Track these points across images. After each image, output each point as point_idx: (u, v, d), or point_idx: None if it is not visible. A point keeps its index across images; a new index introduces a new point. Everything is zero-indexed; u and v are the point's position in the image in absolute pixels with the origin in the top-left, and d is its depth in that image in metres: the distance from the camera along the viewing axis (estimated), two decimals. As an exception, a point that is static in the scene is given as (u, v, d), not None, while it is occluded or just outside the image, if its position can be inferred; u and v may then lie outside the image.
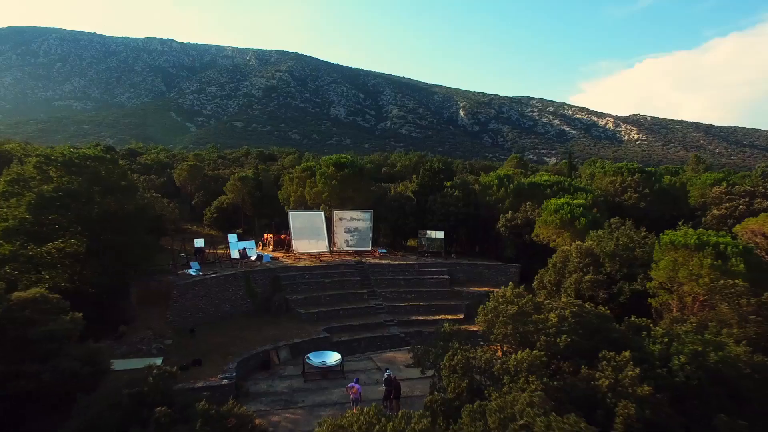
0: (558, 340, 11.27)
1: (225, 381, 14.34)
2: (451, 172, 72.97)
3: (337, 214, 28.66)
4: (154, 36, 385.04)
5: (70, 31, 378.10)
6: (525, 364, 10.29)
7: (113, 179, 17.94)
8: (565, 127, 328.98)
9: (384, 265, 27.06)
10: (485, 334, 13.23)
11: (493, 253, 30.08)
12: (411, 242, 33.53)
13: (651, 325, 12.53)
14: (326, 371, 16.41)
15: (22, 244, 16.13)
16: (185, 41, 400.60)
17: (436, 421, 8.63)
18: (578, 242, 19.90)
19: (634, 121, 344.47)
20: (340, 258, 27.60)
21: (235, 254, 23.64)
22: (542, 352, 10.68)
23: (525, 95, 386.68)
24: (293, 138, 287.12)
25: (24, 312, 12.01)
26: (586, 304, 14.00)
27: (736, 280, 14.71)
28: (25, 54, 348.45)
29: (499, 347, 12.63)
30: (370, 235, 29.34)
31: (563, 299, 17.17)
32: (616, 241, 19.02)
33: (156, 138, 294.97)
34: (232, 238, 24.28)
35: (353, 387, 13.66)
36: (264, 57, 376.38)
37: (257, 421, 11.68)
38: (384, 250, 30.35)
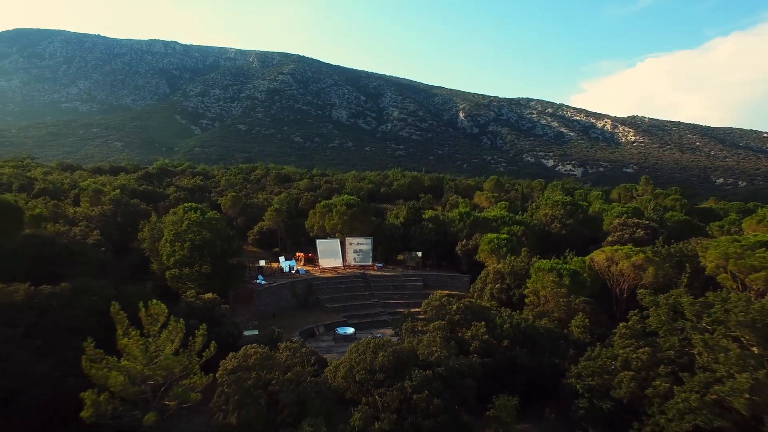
0: (455, 317, 25.41)
1: (296, 340, 28.49)
2: (440, 190, 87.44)
3: (348, 240, 42.86)
4: (157, 38, 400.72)
5: (75, 34, 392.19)
6: (437, 327, 24.48)
7: (224, 231, 32.15)
8: (563, 129, 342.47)
9: (380, 276, 41.29)
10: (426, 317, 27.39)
11: (455, 267, 44.27)
12: (399, 257, 47.68)
13: (502, 311, 26.73)
14: (346, 338, 30.60)
15: (180, 268, 30.40)
16: (188, 43, 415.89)
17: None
18: (494, 265, 33.93)
19: (632, 122, 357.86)
20: (350, 271, 41.82)
21: (285, 269, 37.93)
22: (445, 322, 24.84)
23: (525, 96, 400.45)
24: (296, 141, 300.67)
25: (208, 304, 26.20)
26: (476, 301, 28.21)
27: (562, 289, 28.82)
28: (31, 56, 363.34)
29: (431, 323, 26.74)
30: (371, 254, 43.51)
31: (483, 299, 31.52)
32: (514, 264, 33.04)
33: (162, 141, 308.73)
34: (281, 259, 38.48)
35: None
36: (266, 59, 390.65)
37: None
38: (380, 264, 44.57)
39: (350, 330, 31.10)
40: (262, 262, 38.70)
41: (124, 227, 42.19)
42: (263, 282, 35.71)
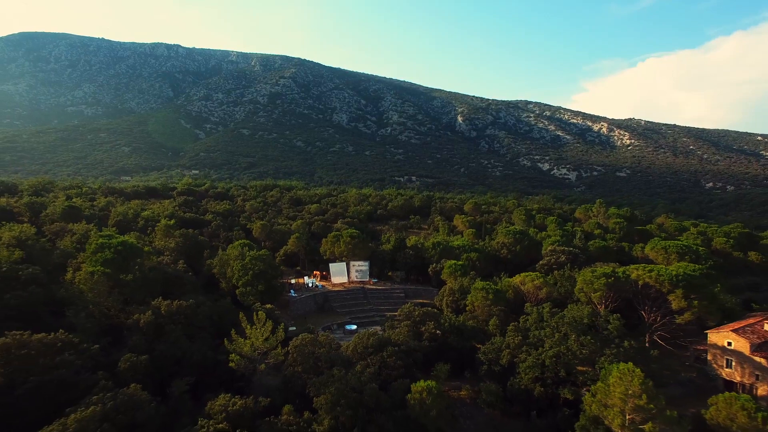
0: (417, 318, 44.04)
1: (323, 333, 47.22)
2: (428, 209, 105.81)
3: (352, 263, 61.43)
4: (160, 41, 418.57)
5: (79, 37, 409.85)
6: (405, 324, 43.23)
7: (272, 262, 50.71)
8: (559, 133, 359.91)
9: (374, 289, 59.90)
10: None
11: (428, 282, 62.84)
12: (389, 274, 66.23)
13: (448, 315, 45.42)
14: (351, 332, 49.14)
15: (245, 287, 49.13)
16: (190, 46, 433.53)
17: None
18: (451, 283, 52.43)
19: (628, 125, 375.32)
20: (353, 285, 60.41)
21: (309, 285, 56.55)
22: (410, 321, 43.48)
23: (524, 99, 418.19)
24: (298, 146, 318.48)
25: (269, 311, 44.79)
26: (438, 306, 46.96)
27: (487, 302, 47.40)
28: (37, 60, 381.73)
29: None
30: (368, 272, 62.05)
31: (442, 307, 50.44)
32: (462, 284, 51.46)
33: (168, 146, 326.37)
34: (306, 277, 57.08)
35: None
36: (268, 62, 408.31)
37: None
38: (375, 280, 63.13)
39: (354, 326, 49.75)
40: (293, 281, 57.35)
41: (191, 254, 60.77)
42: (294, 294, 54.36)
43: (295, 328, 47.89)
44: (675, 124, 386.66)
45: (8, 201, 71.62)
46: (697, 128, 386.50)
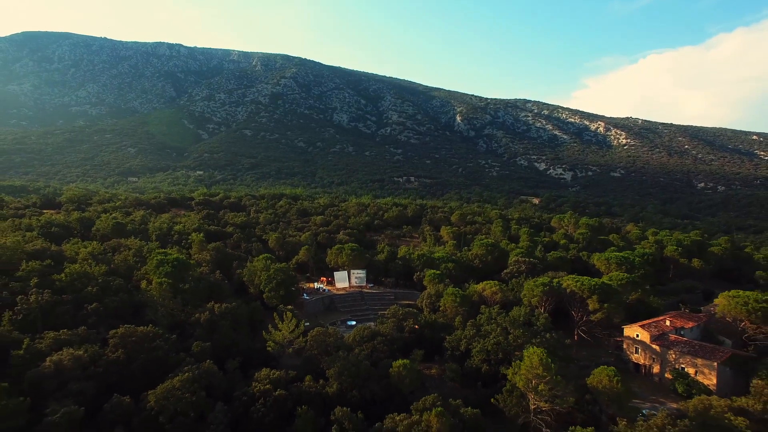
0: (400, 316, 60.46)
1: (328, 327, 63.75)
2: (420, 219, 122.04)
3: (352, 270, 77.81)
4: (161, 41, 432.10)
5: (82, 36, 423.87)
6: (391, 321, 59.77)
7: (290, 273, 67.02)
8: (557, 132, 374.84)
9: (370, 293, 76.35)
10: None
11: (414, 287, 79.23)
12: (383, 279, 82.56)
13: (427, 314, 61.99)
14: (351, 327, 65.60)
15: (270, 293, 65.72)
16: (192, 45, 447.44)
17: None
18: (430, 288, 68.69)
19: (625, 125, 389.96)
20: (353, 289, 76.81)
21: (318, 289, 72.99)
22: (395, 318, 59.96)
23: (522, 97, 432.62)
24: (299, 146, 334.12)
25: (291, 310, 61.25)
26: (418, 306, 63.57)
27: (455, 303, 63.86)
28: (41, 60, 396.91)
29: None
30: (365, 279, 78.42)
31: (422, 307, 67.25)
32: (438, 289, 67.65)
33: (172, 146, 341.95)
34: (315, 283, 73.46)
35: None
36: (269, 62, 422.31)
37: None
38: (371, 285, 79.52)
39: (353, 322, 66.26)
40: (305, 286, 74.00)
41: (223, 265, 77.18)
42: (307, 297, 70.85)
43: (309, 324, 64.33)
44: (672, 123, 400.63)
45: (65, 218, 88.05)
46: (694, 127, 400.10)
